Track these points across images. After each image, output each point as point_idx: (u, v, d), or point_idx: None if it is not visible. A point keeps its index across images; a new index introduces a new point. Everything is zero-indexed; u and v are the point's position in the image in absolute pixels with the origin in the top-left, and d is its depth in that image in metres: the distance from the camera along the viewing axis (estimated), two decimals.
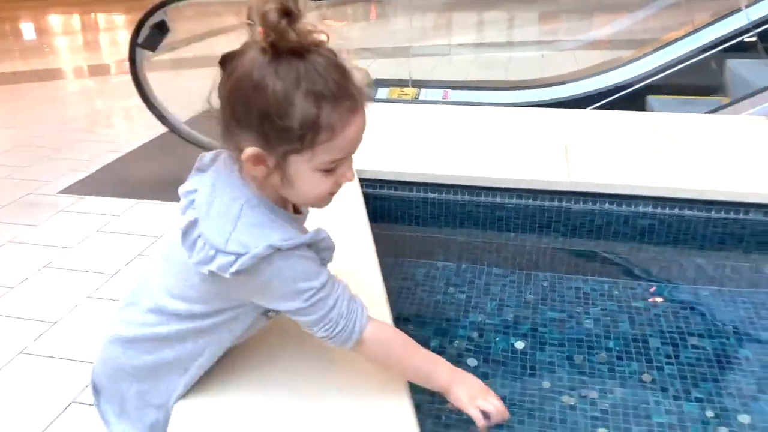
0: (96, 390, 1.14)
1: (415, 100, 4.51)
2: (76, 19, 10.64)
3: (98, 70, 7.31)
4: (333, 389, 1.11)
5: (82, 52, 8.66)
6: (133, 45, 3.52)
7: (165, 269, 1.06)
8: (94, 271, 2.90)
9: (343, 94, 0.91)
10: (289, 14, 0.86)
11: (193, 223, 0.96)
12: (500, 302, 1.83)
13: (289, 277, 0.95)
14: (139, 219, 3.42)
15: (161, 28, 3.48)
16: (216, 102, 0.95)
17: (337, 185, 0.99)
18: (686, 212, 1.92)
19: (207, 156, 1.06)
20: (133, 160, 4.35)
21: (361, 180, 1.92)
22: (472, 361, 1.61)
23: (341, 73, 0.91)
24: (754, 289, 1.90)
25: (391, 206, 2.06)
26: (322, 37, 0.91)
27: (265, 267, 0.93)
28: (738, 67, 3.94)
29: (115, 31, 9.72)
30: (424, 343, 1.64)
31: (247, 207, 0.95)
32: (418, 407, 1.12)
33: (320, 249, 1.01)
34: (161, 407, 1.08)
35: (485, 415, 1.07)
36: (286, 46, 0.87)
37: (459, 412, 1.12)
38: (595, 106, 4.03)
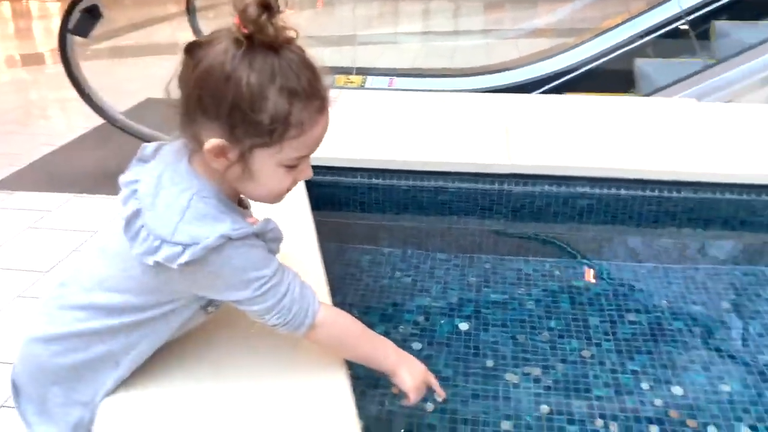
0: (15, 390, 1.09)
1: (360, 88, 4.49)
2: (6, 7, 10.18)
3: (32, 60, 7.02)
4: (268, 372, 1.09)
5: (14, 40, 8.30)
6: (63, 31, 3.36)
7: (99, 261, 1.03)
8: (24, 269, 2.79)
9: (314, 93, 0.92)
10: (268, 8, 0.87)
11: (137, 213, 0.94)
12: (445, 285, 1.85)
13: (240, 266, 0.94)
14: (74, 214, 3.30)
15: (93, 14, 3.33)
16: (175, 90, 0.94)
17: (295, 182, 1.00)
18: (622, 192, 1.97)
19: (149, 146, 1.04)
20: (69, 152, 4.19)
21: None
22: (417, 345, 1.62)
23: (312, 71, 0.92)
24: (687, 264, 1.97)
25: (335, 193, 2.05)
26: (292, 34, 0.91)
27: (215, 257, 0.92)
28: (644, 66, 4.06)
29: (50, 18, 9.34)
30: (371, 328, 1.67)
31: (197, 198, 0.94)
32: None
33: (268, 239, 1.00)
34: (87, 404, 1.04)
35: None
36: (263, 40, 0.87)
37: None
38: (537, 92, 4.09)
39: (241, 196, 1.05)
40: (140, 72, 5.58)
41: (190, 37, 4.27)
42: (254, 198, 1.02)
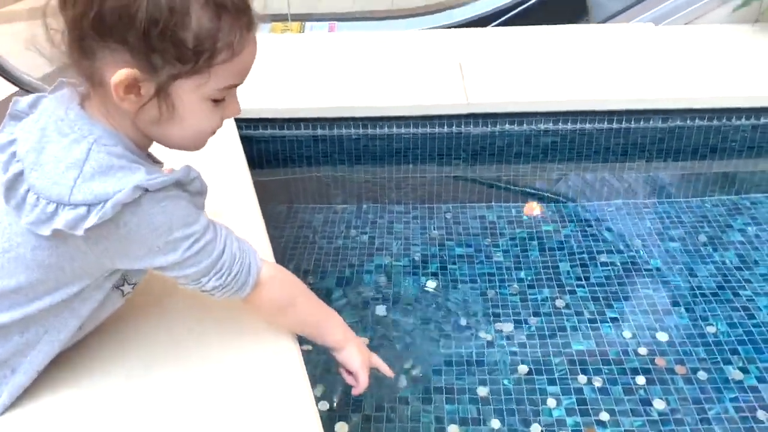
0: None
1: (299, 34, 4.22)
2: None
3: None
4: (207, 358, 0.92)
5: None
6: None
7: None
8: None
9: (242, 6, 0.75)
10: None
11: (18, 176, 0.75)
12: (406, 241, 1.70)
13: (163, 223, 0.77)
14: None
15: None
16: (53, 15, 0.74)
17: (222, 120, 0.83)
18: (587, 125, 1.84)
19: (23, 99, 0.83)
20: None
21: (238, 120, 1.69)
22: (381, 309, 1.47)
23: None
24: (660, 198, 1.86)
25: (277, 147, 1.86)
26: None
27: (130, 216, 0.75)
28: None
29: None
30: (327, 293, 1.51)
31: (97, 147, 0.76)
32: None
33: (192, 191, 0.83)
34: None
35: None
36: None
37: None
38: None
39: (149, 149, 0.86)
40: None
41: None
42: (173, 144, 0.83)
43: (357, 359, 0.97)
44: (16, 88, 3.37)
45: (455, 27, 4.03)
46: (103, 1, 0.70)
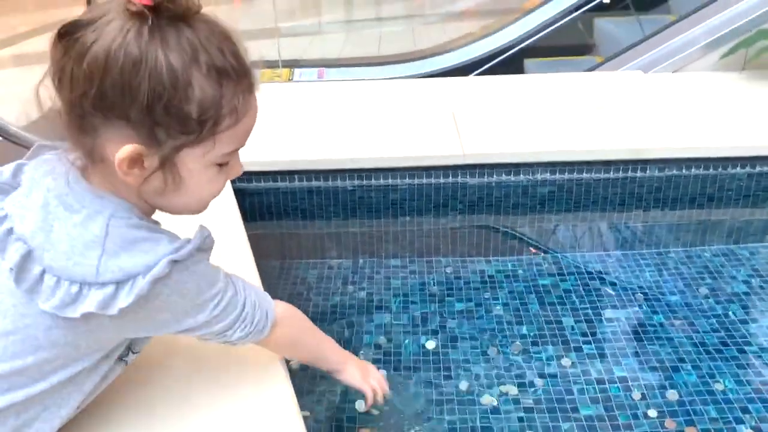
0: None
1: (289, 81, 4.24)
2: None
3: None
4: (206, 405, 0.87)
5: None
6: None
7: None
8: None
9: (242, 68, 0.76)
10: None
11: (27, 257, 0.73)
12: (404, 297, 1.65)
13: (192, 288, 0.79)
14: None
15: None
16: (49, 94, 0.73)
17: (224, 184, 0.83)
18: (584, 175, 1.82)
19: (6, 171, 0.81)
20: None
21: None
22: (385, 365, 1.42)
23: (232, 42, 0.75)
24: (659, 249, 1.84)
25: (270, 200, 1.82)
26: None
27: (162, 288, 0.76)
28: (605, 25, 4.00)
29: None
30: None
31: (115, 221, 0.75)
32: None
33: (207, 251, 0.84)
34: None
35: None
36: (174, 10, 0.70)
37: None
38: (473, 74, 3.95)
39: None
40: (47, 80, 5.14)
41: None
42: (177, 212, 0.82)
43: (357, 377, 1.09)
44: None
45: (465, 66, 4.09)
46: (103, 78, 0.68)
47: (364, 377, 1.10)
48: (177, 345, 1.01)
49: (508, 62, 4.04)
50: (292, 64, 4.47)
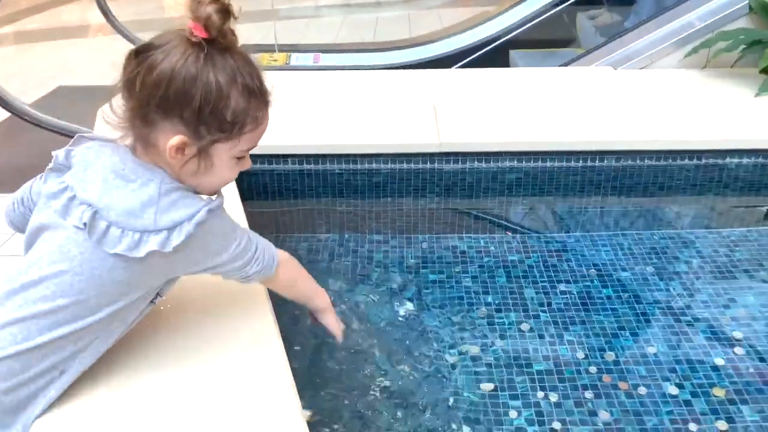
0: None
1: (285, 66, 4.38)
2: None
3: None
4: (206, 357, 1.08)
5: None
6: None
7: (35, 269, 0.97)
8: None
9: (263, 90, 1.02)
10: (228, 15, 0.94)
11: (95, 216, 0.95)
12: (385, 268, 1.86)
13: (221, 232, 1.04)
14: None
15: None
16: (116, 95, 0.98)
17: (237, 173, 1.08)
18: (548, 163, 2.03)
19: (59, 154, 1.03)
20: None
21: None
22: (362, 331, 1.63)
23: (258, 71, 1.02)
24: (614, 231, 2.05)
25: (266, 181, 2.02)
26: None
27: (201, 230, 0.99)
28: (586, 19, 4.16)
29: None
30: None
31: (165, 186, 0.99)
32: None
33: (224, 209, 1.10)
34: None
35: None
36: (222, 43, 0.96)
37: None
38: (462, 63, 4.10)
39: None
40: (50, 58, 5.26)
41: (99, 18, 4.07)
42: (202, 190, 1.07)
43: (334, 321, 1.32)
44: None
45: (432, 59, 4.23)
46: (168, 86, 0.94)
47: (338, 322, 1.33)
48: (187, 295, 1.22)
49: (494, 53, 4.18)
50: (289, 48, 4.61)
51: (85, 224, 0.95)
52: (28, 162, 1.03)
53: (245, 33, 1.03)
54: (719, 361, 1.55)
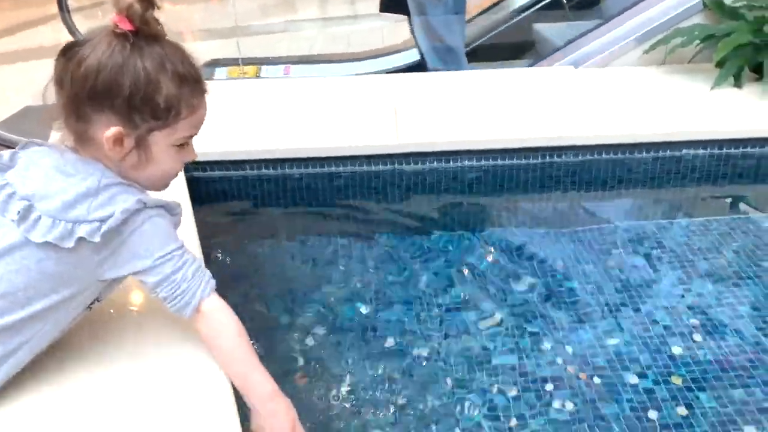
0: None
1: (256, 78, 4.38)
2: None
3: None
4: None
5: None
6: None
7: None
8: None
9: (196, 77, 1.03)
10: (152, 4, 0.97)
11: (29, 209, 0.95)
12: (345, 270, 1.85)
13: (149, 232, 1.00)
14: None
15: None
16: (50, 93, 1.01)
17: (182, 164, 1.08)
18: (507, 161, 2.04)
19: (6, 155, 1.04)
20: None
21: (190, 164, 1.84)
22: (321, 332, 1.62)
23: (189, 58, 1.03)
24: (574, 226, 2.06)
25: (224, 187, 2.01)
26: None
27: (129, 225, 0.98)
28: (544, 29, 4.18)
29: None
30: (274, 319, 1.65)
31: (105, 179, 0.99)
32: None
33: (173, 215, 1.07)
34: None
35: None
36: (149, 32, 0.97)
37: None
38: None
39: None
40: (19, 79, 5.23)
41: (67, 37, 4.05)
42: (145, 183, 1.06)
43: (284, 417, 1.03)
44: None
45: (400, 68, 4.25)
46: (96, 78, 0.94)
47: (292, 423, 1.04)
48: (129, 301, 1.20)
49: None
50: (259, 61, 4.61)
51: (18, 213, 0.95)
52: None
53: (215, 49, 1.05)
54: (677, 350, 1.55)
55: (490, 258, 1.91)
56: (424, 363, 1.54)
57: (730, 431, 1.35)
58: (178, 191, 1.62)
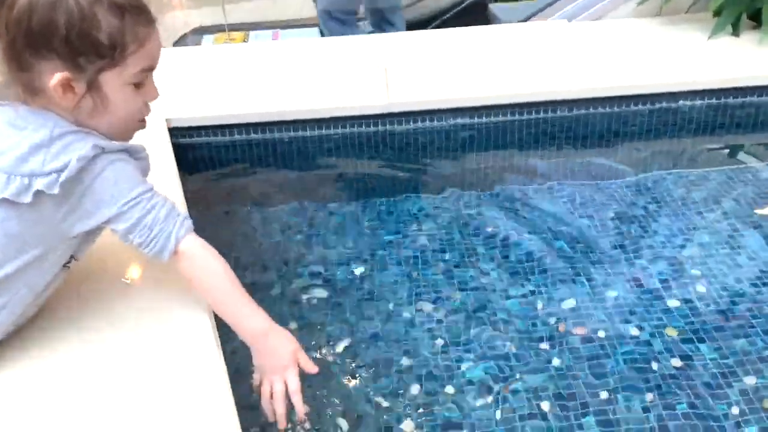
0: None
1: (241, 43, 4.28)
2: None
3: None
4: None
5: None
6: None
7: None
8: None
9: (139, 6, 0.96)
10: None
11: None
12: (340, 232, 1.82)
13: (112, 178, 0.95)
14: None
15: None
16: None
17: (146, 106, 1.02)
18: (500, 117, 1.99)
19: None
20: None
21: (172, 130, 1.79)
22: (318, 294, 1.60)
23: None
24: (571, 181, 2.03)
25: (212, 153, 1.97)
26: None
27: (88, 173, 0.93)
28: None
29: None
30: (268, 285, 1.63)
31: (58, 129, 0.93)
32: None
33: (139, 161, 1.01)
34: None
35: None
36: None
37: None
38: (438, 22, 3.98)
39: None
40: None
41: None
42: (109, 131, 1.00)
43: (283, 351, 1.01)
44: None
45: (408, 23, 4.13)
46: (29, 20, 0.88)
47: (282, 361, 1.01)
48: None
49: (471, 8, 4.06)
50: (247, 27, 4.51)
51: None
52: None
53: (203, 17, 0.99)
54: (675, 303, 1.53)
55: (484, 216, 1.88)
56: (420, 320, 1.52)
57: (731, 382, 1.34)
58: (164, 159, 1.59)
